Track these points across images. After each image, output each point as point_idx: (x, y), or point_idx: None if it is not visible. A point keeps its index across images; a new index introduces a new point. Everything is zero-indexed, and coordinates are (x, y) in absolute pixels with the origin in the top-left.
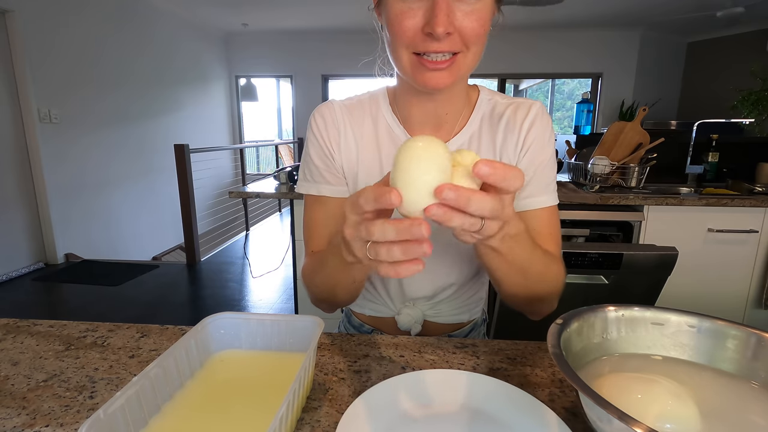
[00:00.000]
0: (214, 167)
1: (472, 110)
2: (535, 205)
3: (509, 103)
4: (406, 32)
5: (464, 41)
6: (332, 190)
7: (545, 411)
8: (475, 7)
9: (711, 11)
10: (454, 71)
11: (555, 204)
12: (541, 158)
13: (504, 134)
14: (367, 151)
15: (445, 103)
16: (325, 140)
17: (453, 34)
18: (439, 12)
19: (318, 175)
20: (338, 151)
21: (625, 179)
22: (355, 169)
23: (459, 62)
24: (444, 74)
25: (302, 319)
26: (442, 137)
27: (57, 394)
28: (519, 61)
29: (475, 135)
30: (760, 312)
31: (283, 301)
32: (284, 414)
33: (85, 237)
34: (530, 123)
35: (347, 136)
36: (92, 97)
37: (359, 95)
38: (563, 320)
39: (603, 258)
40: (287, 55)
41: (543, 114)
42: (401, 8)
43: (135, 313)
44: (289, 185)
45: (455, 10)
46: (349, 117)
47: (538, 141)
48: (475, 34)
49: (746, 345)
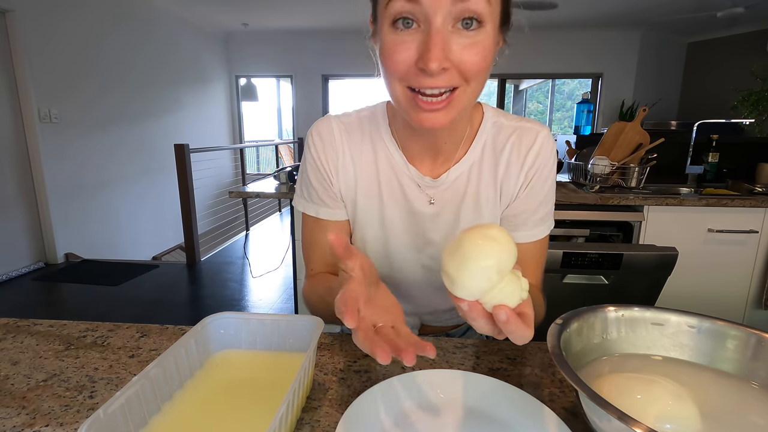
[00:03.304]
0: (214, 167)
1: (474, 135)
2: (526, 239)
3: (515, 129)
4: (398, 66)
5: (463, 76)
6: (330, 213)
7: (545, 411)
8: (476, 40)
9: (711, 11)
10: (451, 110)
11: (547, 234)
12: (542, 192)
13: (506, 165)
14: (365, 175)
15: (445, 134)
16: (323, 163)
17: (450, 69)
18: (433, 46)
19: (316, 197)
20: (336, 175)
21: (625, 179)
22: (353, 194)
23: (457, 99)
24: (441, 114)
25: (302, 319)
26: (440, 167)
27: (57, 394)
28: (519, 61)
29: (476, 164)
30: (760, 312)
31: (283, 301)
32: (284, 414)
33: (85, 237)
34: (534, 156)
35: (345, 159)
36: (92, 97)
37: (359, 111)
38: (563, 320)
39: (603, 258)
40: (287, 55)
41: (547, 143)
42: (394, 40)
43: (135, 313)
44: (289, 185)
45: (452, 43)
46: (347, 138)
47: (539, 176)
48: (476, 69)
49: (746, 345)
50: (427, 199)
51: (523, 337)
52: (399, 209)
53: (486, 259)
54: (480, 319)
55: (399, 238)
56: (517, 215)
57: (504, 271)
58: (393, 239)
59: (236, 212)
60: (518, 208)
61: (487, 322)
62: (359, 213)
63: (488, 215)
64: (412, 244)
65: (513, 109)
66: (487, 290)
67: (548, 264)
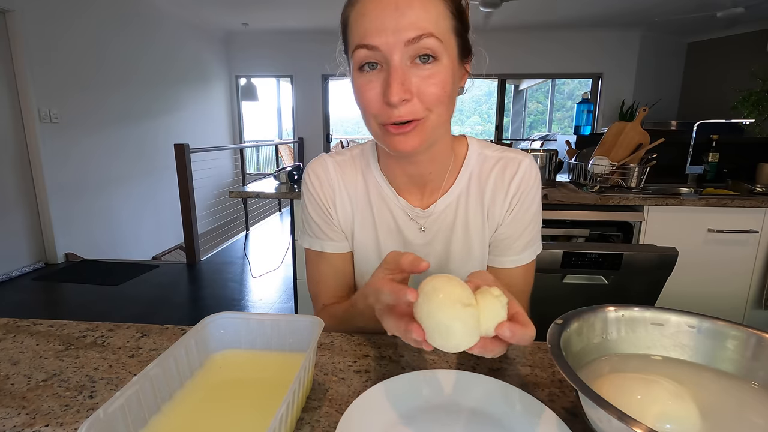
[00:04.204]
0: (214, 167)
1: (460, 166)
2: (513, 264)
3: (498, 159)
4: (369, 104)
5: (425, 105)
6: (335, 246)
7: (545, 411)
8: (432, 72)
9: (711, 11)
10: (419, 134)
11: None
12: (526, 218)
13: (492, 194)
14: (360, 209)
15: (427, 164)
16: (322, 199)
17: (411, 100)
18: (393, 81)
19: (319, 231)
20: (334, 209)
21: (625, 179)
22: (351, 227)
23: (423, 125)
24: (410, 137)
25: (302, 319)
26: (428, 197)
27: (57, 394)
28: (519, 61)
29: (463, 194)
30: (760, 312)
31: (283, 301)
32: (284, 414)
33: (85, 236)
34: (518, 184)
35: (342, 195)
36: (92, 97)
37: (351, 150)
38: (563, 320)
39: (603, 258)
40: (287, 55)
41: (530, 171)
42: (363, 81)
43: (135, 313)
44: (289, 185)
45: (411, 76)
46: (342, 175)
47: (523, 202)
48: (436, 99)
49: (746, 345)
50: (417, 227)
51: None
52: (393, 240)
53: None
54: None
55: None
56: (502, 240)
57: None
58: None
59: (236, 212)
60: (504, 234)
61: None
62: (357, 247)
63: (477, 242)
64: None
65: (513, 109)
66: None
67: (548, 264)
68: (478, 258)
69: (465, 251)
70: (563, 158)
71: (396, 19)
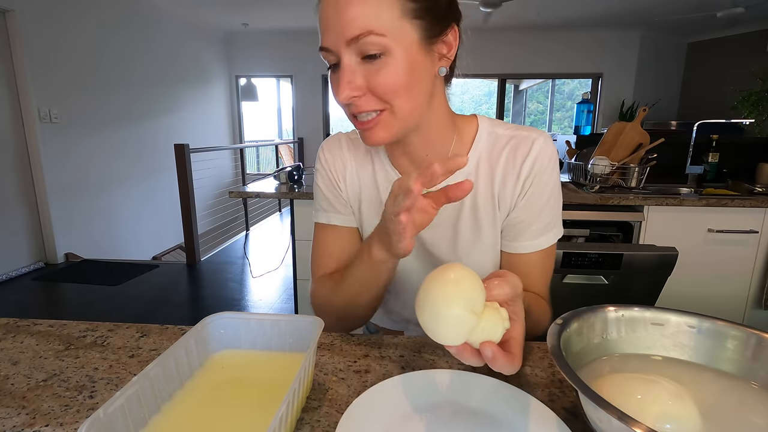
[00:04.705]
0: (214, 167)
1: (469, 148)
2: (528, 249)
3: (510, 138)
4: (338, 98)
5: (381, 98)
6: (342, 219)
7: (545, 411)
8: (381, 66)
9: (711, 11)
10: (384, 127)
11: (553, 243)
12: (541, 201)
13: (503, 176)
14: (368, 188)
15: (421, 146)
16: (332, 172)
17: (365, 95)
18: (340, 81)
19: (328, 204)
20: (344, 182)
21: (625, 179)
22: (358, 203)
23: (386, 118)
24: (376, 131)
25: (302, 319)
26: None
27: (57, 394)
28: (519, 61)
29: (472, 177)
30: (760, 312)
31: (283, 301)
32: (284, 414)
33: (85, 236)
34: (530, 165)
35: (352, 171)
36: (92, 97)
37: None
38: (563, 320)
39: (603, 258)
40: (287, 55)
41: (545, 150)
42: (331, 80)
43: (135, 313)
44: (289, 185)
45: (358, 73)
46: (354, 152)
47: (536, 184)
48: (391, 90)
49: (746, 345)
50: None
51: (511, 370)
52: None
53: (456, 307)
54: (472, 359)
55: None
56: (515, 225)
57: (478, 309)
58: None
59: (236, 212)
60: (517, 218)
61: (479, 360)
62: (365, 222)
63: (487, 227)
64: (414, 255)
65: (513, 109)
66: (469, 332)
67: None
68: (488, 244)
69: (474, 236)
70: (563, 158)
71: (337, 17)
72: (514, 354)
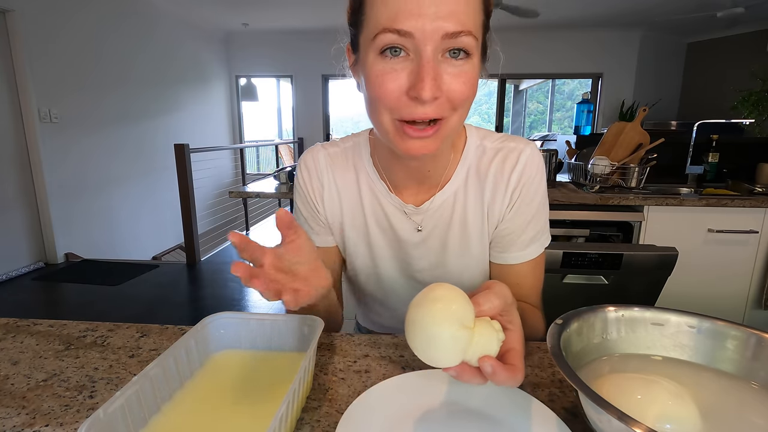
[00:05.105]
0: (214, 167)
1: (458, 160)
2: (518, 260)
3: (497, 150)
4: (388, 95)
5: (452, 105)
6: (319, 240)
7: (545, 411)
8: (463, 69)
9: (711, 11)
10: (438, 138)
11: (541, 252)
12: (529, 212)
13: (492, 188)
14: (350, 205)
15: (429, 161)
16: (309, 193)
17: (440, 98)
18: (426, 75)
19: (305, 224)
20: (322, 203)
21: (625, 179)
22: (339, 219)
23: (444, 127)
24: (428, 142)
25: (302, 319)
26: (425, 193)
27: (57, 394)
28: (519, 61)
29: (461, 190)
30: (760, 312)
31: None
32: (284, 414)
33: (85, 236)
34: (518, 176)
35: (330, 188)
36: (92, 97)
37: (344, 141)
38: (563, 320)
39: (603, 258)
40: (287, 55)
41: (531, 161)
42: (383, 69)
43: (135, 313)
44: (289, 185)
45: (442, 72)
46: (332, 166)
47: (525, 195)
48: (464, 98)
49: (746, 345)
50: (414, 226)
51: (514, 383)
52: (385, 237)
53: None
54: (473, 378)
55: (387, 265)
56: (505, 237)
57: (469, 324)
58: (382, 267)
59: (236, 212)
60: (506, 230)
61: (481, 378)
62: (348, 242)
63: (476, 240)
64: (401, 269)
65: (513, 109)
66: (463, 350)
67: (548, 264)
68: (476, 256)
69: (462, 249)
70: (563, 158)
71: (436, 4)
72: (515, 365)
